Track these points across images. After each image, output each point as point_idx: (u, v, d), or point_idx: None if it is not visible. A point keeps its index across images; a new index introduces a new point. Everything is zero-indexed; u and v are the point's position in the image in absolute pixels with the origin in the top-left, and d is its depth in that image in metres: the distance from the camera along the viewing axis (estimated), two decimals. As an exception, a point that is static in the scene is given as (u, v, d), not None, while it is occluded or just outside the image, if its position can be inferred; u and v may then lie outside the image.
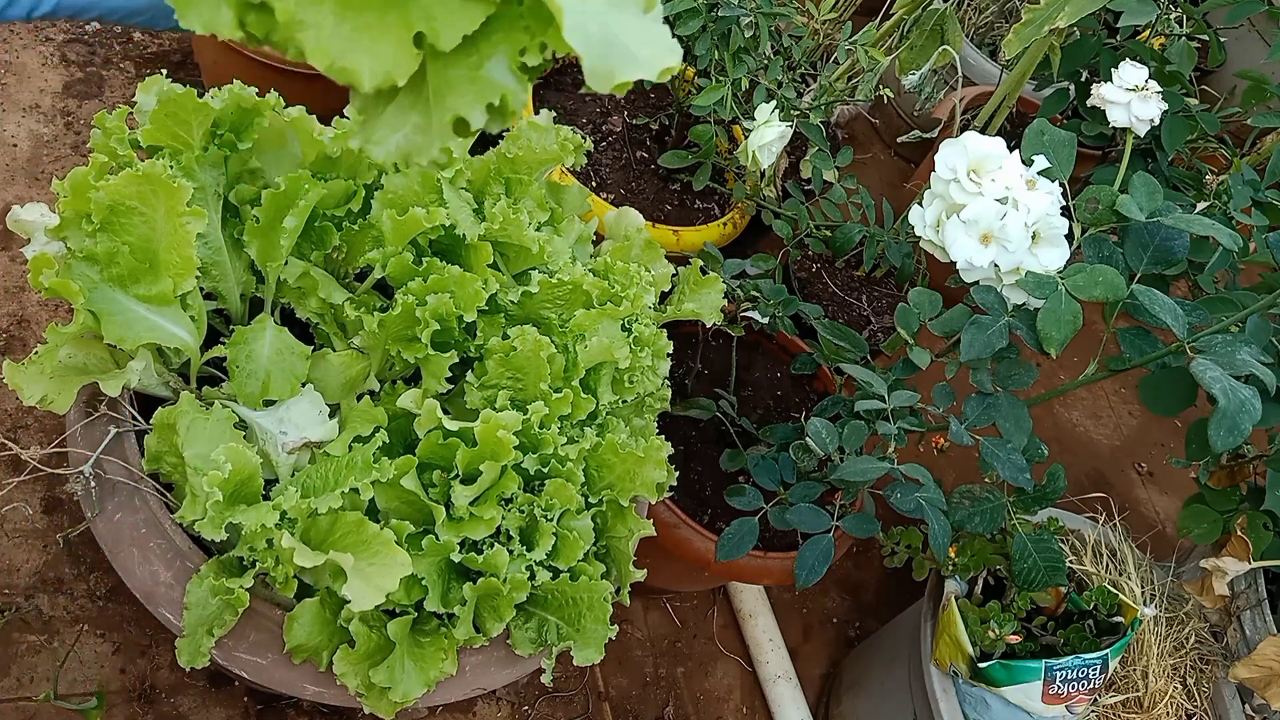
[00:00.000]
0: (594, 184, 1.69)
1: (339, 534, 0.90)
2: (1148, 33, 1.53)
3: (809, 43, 1.71)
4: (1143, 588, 1.41)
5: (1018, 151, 1.06)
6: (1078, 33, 1.47)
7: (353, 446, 0.96)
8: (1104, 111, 1.18)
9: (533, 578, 0.96)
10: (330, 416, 1.00)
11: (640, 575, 1.05)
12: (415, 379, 1.06)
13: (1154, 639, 1.38)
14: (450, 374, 1.01)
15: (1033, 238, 1.03)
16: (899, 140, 1.79)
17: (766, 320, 1.40)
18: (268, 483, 0.95)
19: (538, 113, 1.22)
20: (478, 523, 0.94)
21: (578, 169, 1.39)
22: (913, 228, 1.09)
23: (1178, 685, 1.37)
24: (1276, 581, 1.43)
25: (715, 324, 1.25)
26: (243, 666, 0.95)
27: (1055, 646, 1.32)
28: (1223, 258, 1.16)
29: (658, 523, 1.17)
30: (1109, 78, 1.18)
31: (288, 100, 1.06)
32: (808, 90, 1.71)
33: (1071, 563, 1.40)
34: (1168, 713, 1.35)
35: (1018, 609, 1.32)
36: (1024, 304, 1.05)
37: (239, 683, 1.38)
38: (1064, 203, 1.06)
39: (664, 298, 1.25)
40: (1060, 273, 1.01)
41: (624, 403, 1.12)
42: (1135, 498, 2.21)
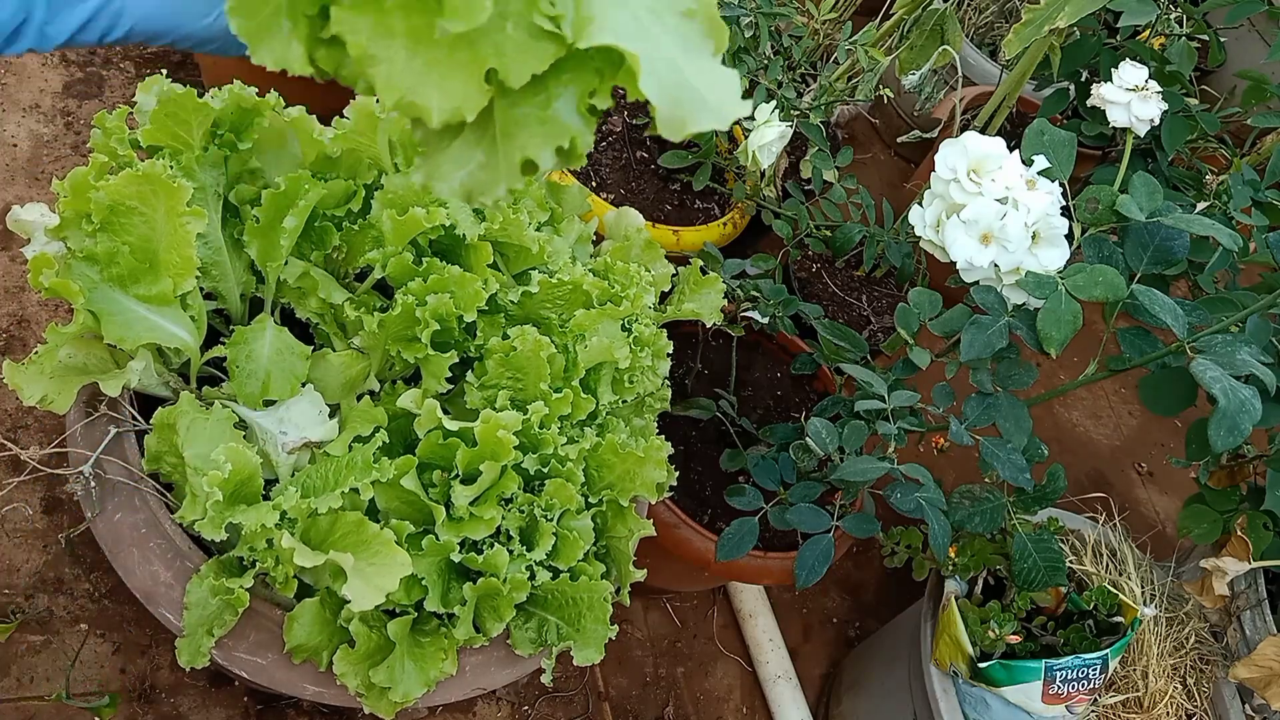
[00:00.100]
0: (594, 184, 1.69)
1: (339, 534, 0.90)
2: (1148, 33, 1.53)
3: (809, 43, 1.71)
4: (1143, 588, 1.41)
5: (1018, 151, 1.06)
6: (1078, 33, 1.47)
7: (353, 446, 0.96)
8: (1104, 111, 1.18)
9: (533, 578, 0.96)
10: (330, 416, 1.00)
11: (640, 575, 1.05)
12: (415, 379, 1.06)
13: (1154, 639, 1.38)
14: (450, 374, 1.01)
15: (1033, 238, 1.03)
16: (899, 140, 1.79)
17: (766, 320, 1.40)
18: (268, 483, 0.95)
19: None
20: (478, 523, 0.94)
21: (578, 169, 1.39)
22: (913, 228, 1.09)
23: (1178, 685, 1.37)
24: (1276, 581, 1.42)
25: (715, 324, 1.25)
26: (243, 666, 0.94)
27: (1055, 646, 1.32)
28: (1223, 258, 1.16)
29: (658, 523, 1.17)
30: (1109, 78, 1.18)
31: (288, 100, 1.06)
32: (808, 90, 1.71)
33: (1071, 563, 1.40)
34: (1168, 713, 1.35)
35: (1018, 609, 1.32)
36: (1024, 304, 1.05)
37: (239, 683, 1.38)
38: (1064, 203, 1.06)
39: (664, 298, 1.25)
40: (1060, 273, 1.01)
41: (624, 403, 1.12)
42: (1135, 498, 2.21)
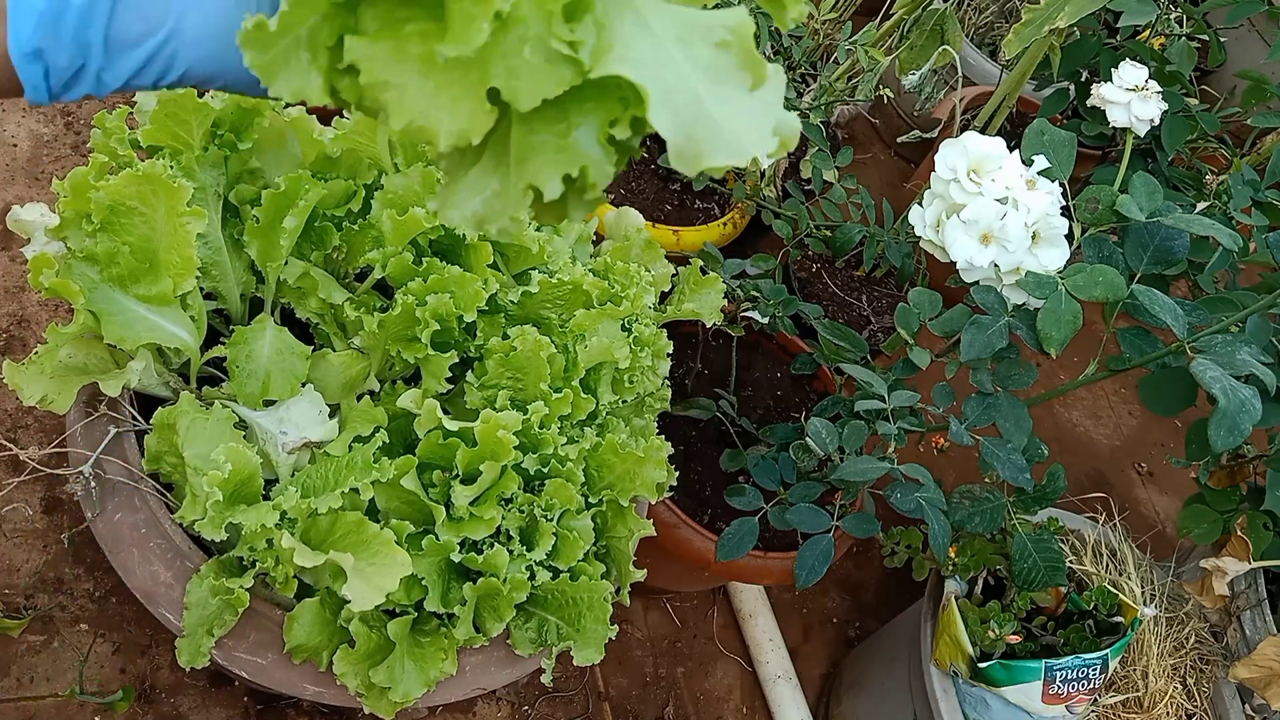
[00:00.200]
0: (594, 184, 1.69)
1: (339, 534, 0.90)
2: (1148, 33, 1.53)
3: (809, 43, 1.71)
4: (1143, 588, 1.41)
5: (1018, 151, 1.06)
6: (1078, 33, 1.47)
7: (353, 446, 0.96)
8: (1104, 111, 1.18)
9: (533, 578, 0.96)
10: (330, 416, 1.00)
11: (640, 575, 1.05)
12: (415, 379, 1.06)
13: (1154, 639, 1.38)
14: (450, 374, 1.01)
15: (1033, 238, 1.03)
16: (899, 140, 1.79)
17: (766, 320, 1.40)
18: (268, 483, 0.95)
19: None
20: (478, 523, 0.94)
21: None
22: (913, 228, 1.09)
23: (1178, 685, 1.37)
24: (1276, 581, 1.42)
25: (715, 324, 1.25)
26: (243, 666, 0.94)
27: (1055, 646, 1.32)
28: (1223, 258, 1.16)
29: (658, 523, 1.17)
30: (1109, 78, 1.18)
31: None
32: (808, 90, 1.71)
33: (1071, 563, 1.40)
34: (1168, 713, 1.35)
35: (1018, 609, 1.32)
36: (1024, 304, 1.05)
37: (239, 683, 1.38)
38: (1064, 203, 1.05)
39: (664, 298, 1.25)
40: (1060, 273, 1.01)
41: (624, 403, 1.12)
42: (1135, 498, 2.21)
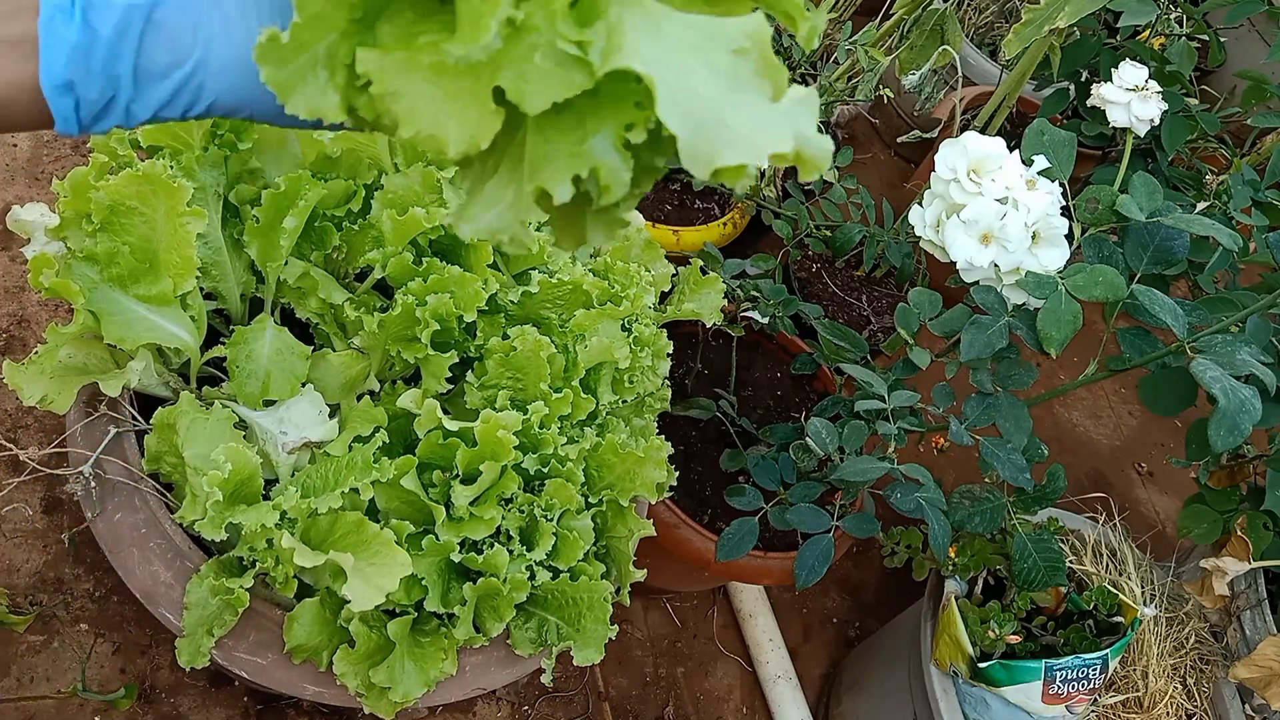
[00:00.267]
0: (594, 184, 1.69)
1: (339, 534, 0.90)
2: (1148, 33, 1.53)
3: (809, 43, 1.71)
4: (1143, 588, 1.41)
5: (1018, 151, 1.06)
6: (1078, 33, 1.47)
7: (353, 446, 0.96)
8: (1104, 111, 1.18)
9: (533, 578, 0.96)
10: (330, 416, 1.00)
11: (640, 575, 1.05)
12: (415, 379, 1.06)
13: (1154, 639, 1.38)
14: (450, 374, 1.01)
15: (1033, 238, 1.03)
16: (899, 140, 1.79)
17: (766, 320, 1.40)
18: (268, 483, 0.95)
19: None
20: (478, 523, 0.94)
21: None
22: (913, 228, 1.09)
23: (1178, 685, 1.37)
24: (1276, 581, 1.42)
25: (715, 324, 1.25)
26: (243, 666, 0.94)
27: (1055, 646, 1.32)
28: (1223, 258, 1.16)
29: (658, 523, 1.17)
30: (1109, 78, 1.18)
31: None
32: (808, 90, 1.71)
33: (1071, 563, 1.40)
34: (1168, 713, 1.35)
35: (1018, 609, 1.32)
36: (1024, 304, 1.05)
37: (239, 683, 1.38)
38: (1064, 203, 1.05)
39: (664, 298, 1.25)
40: (1060, 273, 1.01)
41: (624, 403, 1.12)
42: (1135, 498, 2.21)
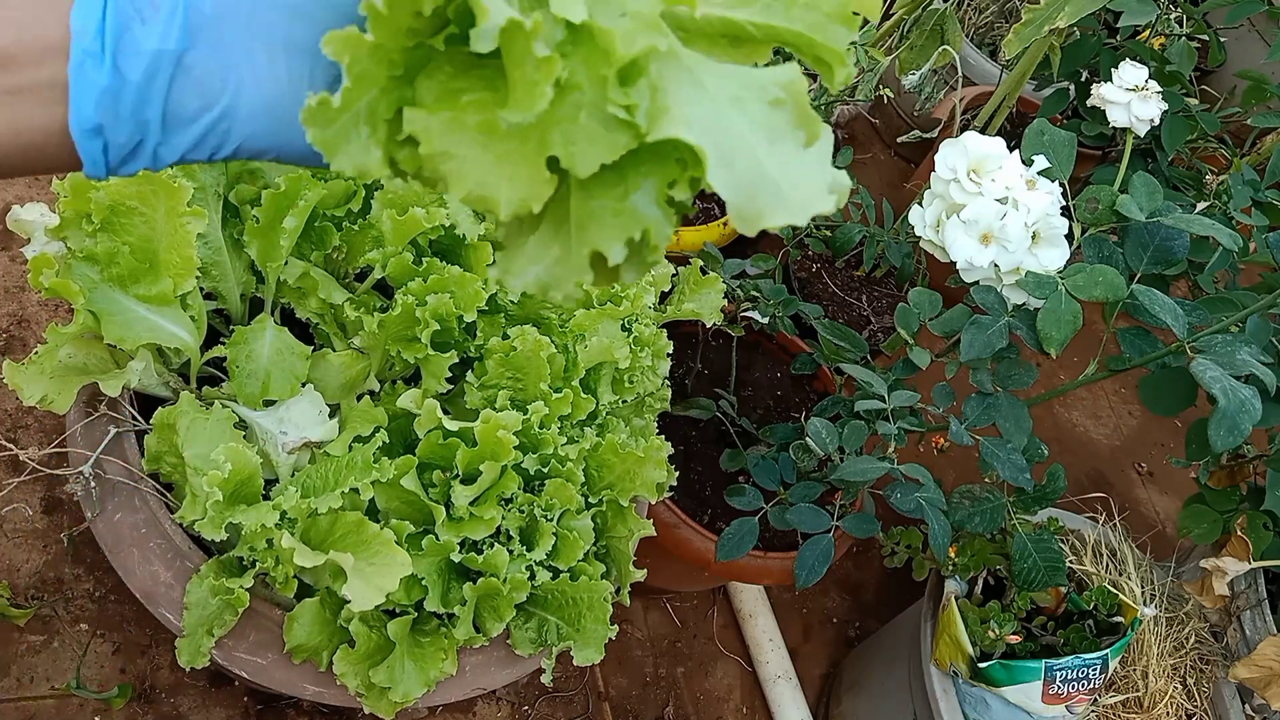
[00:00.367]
0: (594, 184, 1.69)
1: (339, 534, 0.90)
2: (1148, 33, 1.53)
3: (809, 43, 1.71)
4: (1143, 588, 1.41)
5: (1018, 151, 1.06)
6: (1078, 33, 1.47)
7: (353, 446, 0.96)
8: (1104, 111, 1.18)
9: (533, 578, 0.96)
10: (330, 416, 1.00)
11: (640, 575, 1.05)
12: (415, 379, 1.06)
13: (1154, 639, 1.38)
14: (450, 374, 1.01)
15: (1033, 238, 1.03)
16: (899, 140, 1.79)
17: (766, 320, 1.40)
18: (268, 483, 0.95)
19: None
20: (478, 523, 0.94)
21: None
22: (913, 228, 1.09)
23: (1178, 685, 1.37)
24: (1276, 581, 1.42)
25: (715, 324, 1.25)
26: (243, 666, 0.94)
27: (1055, 646, 1.32)
28: (1223, 258, 1.16)
29: (658, 523, 1.17)
30: (1109, 78, 1.18)
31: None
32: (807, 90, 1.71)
33: (1071, 563, 1.40)
34: (1168, 713, 1.35)
35: (1018, 609, 1.32)
36: (1024, 304, 1.05)
37: (239, 683, 1.38)
38: (1064, 203, 1.05)
39: (664, 298, 1.25)
40: (1060, 273, 1.01)
41: (624, 403, 1.12)
42: (1135, 498, 2.21)
